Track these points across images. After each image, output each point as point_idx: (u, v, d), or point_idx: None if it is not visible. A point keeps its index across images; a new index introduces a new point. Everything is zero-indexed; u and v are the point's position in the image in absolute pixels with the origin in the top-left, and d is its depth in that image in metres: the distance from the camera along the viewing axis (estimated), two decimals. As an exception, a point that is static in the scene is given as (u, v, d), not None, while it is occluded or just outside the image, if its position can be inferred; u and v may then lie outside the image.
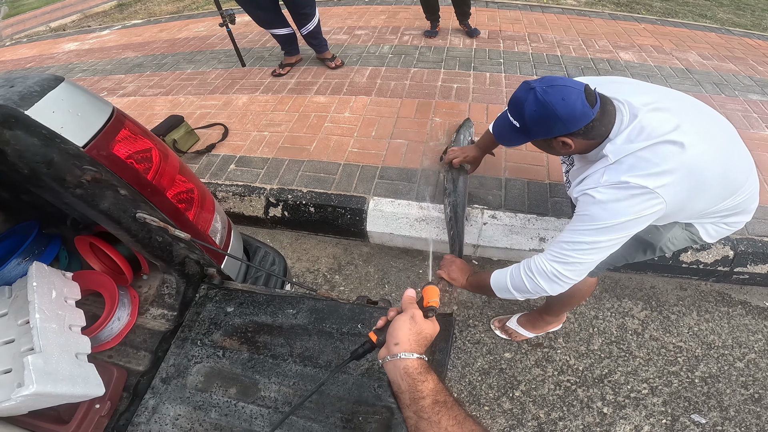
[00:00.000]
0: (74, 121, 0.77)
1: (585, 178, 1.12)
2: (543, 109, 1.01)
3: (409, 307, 0.75)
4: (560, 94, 0.99)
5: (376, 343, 0.76)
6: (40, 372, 0.75)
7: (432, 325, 0.74)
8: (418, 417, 0.62)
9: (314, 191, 2.18)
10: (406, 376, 0.66)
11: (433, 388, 0.64)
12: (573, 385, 1.62)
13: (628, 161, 1.01)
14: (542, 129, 1.06)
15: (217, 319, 1.05)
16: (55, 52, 4.96)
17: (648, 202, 1.00)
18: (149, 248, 0.95)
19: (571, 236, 1.10)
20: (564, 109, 0.99)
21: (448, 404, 0.63)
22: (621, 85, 1.18)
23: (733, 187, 1.11)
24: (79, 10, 7.65)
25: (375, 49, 3.56)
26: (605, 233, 1.05)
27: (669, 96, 1.14)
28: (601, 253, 1.09)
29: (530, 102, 1.02)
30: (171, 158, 0.97)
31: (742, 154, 1.14)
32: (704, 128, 1.06)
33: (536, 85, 1.02)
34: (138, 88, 3.49)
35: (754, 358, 1.67)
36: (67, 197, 0.79)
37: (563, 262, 1.11)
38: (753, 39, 3.73)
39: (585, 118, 1.01)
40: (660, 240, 1.27)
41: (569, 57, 3.29)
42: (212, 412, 0.89)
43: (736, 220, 1.23)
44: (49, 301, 0.93)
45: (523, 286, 1.18)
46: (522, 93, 1.06)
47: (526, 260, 1.20)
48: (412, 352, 0.69)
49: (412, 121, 2.60)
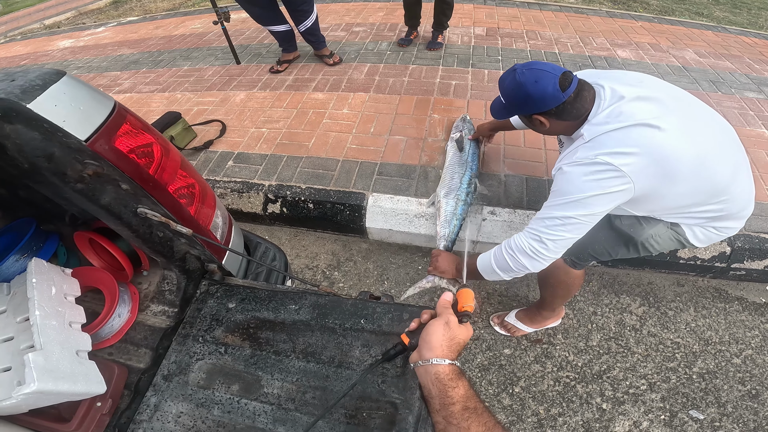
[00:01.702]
0: (76, 115, 0.76)
1: (564, 155, 1.20)
2: (517, 88, 1.13)
3: (444, 312, 0.75)
4: (534, 77, 1.10)
5: (408, 345, 0.76)
6: (41, 370, 0.74)
7: (466, 330, 0.74)
8: (447, 422, 0.62)
9: (313, 187, 2.18)
10: (437, 382, 0.66)
11: (463, 395, 0.64)
12: (572, 381, 1.63)
13: (600, 140, 1.08)
14: (517, 105, 1.19)
15: (218, 315, 1.04)
16: (50, 50, 4.91)
17: (614, 180, 1.05)
18: (150, 244, 0.94)
19: (545, 212, 1.17)
20: (535, 90, 1.10)
21: (478, 411, 0.63)
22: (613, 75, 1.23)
23: (711, 184, 1.11)
24: (74, 7, 7.59)
25: (373, 45, 3.55)
26: (574, 207, 1.10)
27: (667, 93, 1.15)
28: (574, 230, 1.14)
29: (509, 81, 1.16)
30: (172, 153, 0.96)
31: (729, 154, 1.14)
32: (689, 124, 1.08)
33: (518, 67, 1.15)
34: (134, 85, 3.47)
35: (751, 354, 1.68)
36: (68, 192, 0.78)
37: (539, 239, 1.17)
38: (749, 37, 3.75)
39: (554, 100, 1.10)
40: (641, 235, 1.29)
41: (567, 54, 3.29)
42: (215, 410, 0.88)
43: (726, 225, 1.23)
44: (49, 298, 0.92)
45: (506, 264, 1.26)
46: (507, 73, 1.19)
47: (507, 240, 1.28)
48: (444, 358, 0.68)
49: (411, 118, 2.60)
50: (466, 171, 1.98)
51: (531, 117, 1.20)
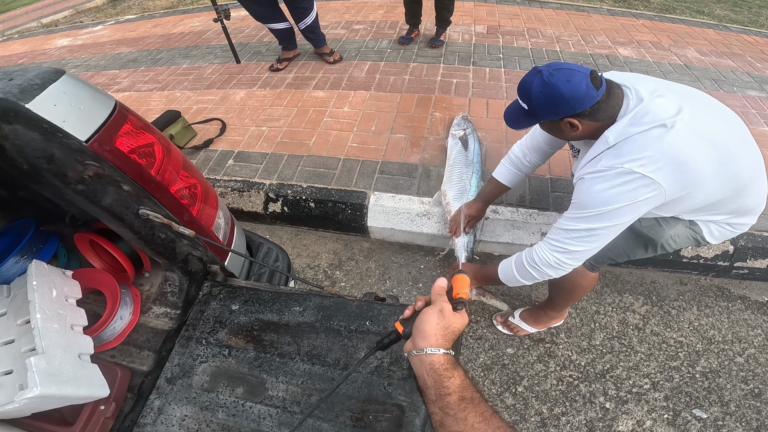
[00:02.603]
0: (76, 115, 0.74)
1: (585, 163, 1.14)
2: (549, 89, 1.04)
3: (438, 299, 0.73)
4: (565, 76, 1.02)
5: (402, 334, 0.74)
6: (44, 373, 0.73)
7: (461, 318, 0.72)
8: (444, 413, 0.61)
9: (314, 186, 2.16)
10: (432, 372, 0.65)
11: (459, 384, 0.63)
12: (575, 381, 1.62)
13: (625, 146, 1.03)
14: (549, 110, 1.08)
15: (221, 317, 1.03)
16: (47, 48, 4.88)
17: (643, 188, 1.01)
18: (152, 245, 0.93)
19: (569, 223, 1.13)
20: (568, 90, 1.02)
21: (475, 401, 0.62)
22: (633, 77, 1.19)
23: (736, 181, 1.10)
24: (71, 6, 7.53)
25: (373, 43, 3.53)
26: (601, 220, 1.07)
27: (672, 86, 1.15)
28: (600, 240, 1.11)
29: (537, 84, 1.06)
30: (174, 153, 0.95)
31: (749, 150, 1.13)
32: (709, 123, 1.06)
33: (543, 69, 1.06)
34: (133, 84, 3.45)
35: (754, 353, 1.68)
36: (69, 194, 0.76)
37: (564, 251, 1.15)
38: (750, 36, 3.74)
39: (590, 99, 1.03)
40: (662, 237, 1.27)
41: (568, 52, 3.28)
42: (219, 413, 0.87)
43: (741, 221, 1.23)
44: (50, 301, 0.91)
45: (531, 275, 1.26)
46: (530, 77, 1.10)
47: (528, 251, 1.26)
48: (438, 347, 0.67)
49: (412, 116, 2.59)
50: (473, 173, 1.97)
51: (560, 122, 1.10)
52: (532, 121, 1.16)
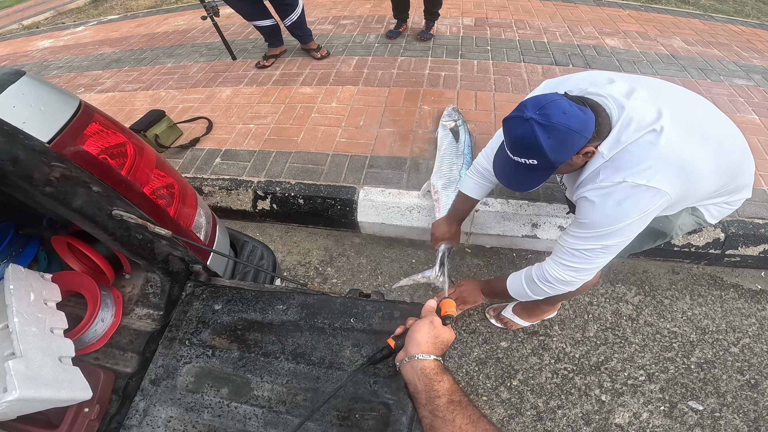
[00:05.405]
0: (37, 116, 0.73)
1: (582, 180, 1.08)
2: (558, 131, 0.93)
3: (429, 314, 0.80)
4: (559, 109, 0.94)
5: (394, 348, 0.79)
6: (23, 377, 0.72)
7: (449, 332, 0.78)
8: (434, 416, 0.64)
9: (303, 183, 2.14)
10: (422, 377, 0.69)
11: (448, 388, 0.67)
12: (570, 373, 1.61)
13: (622, 158, 0.98)
14: (565, 151, 0.97)
15: (204, 317, 1.00)
16: (29, 50, 4.79)
17: (650, 199, 0.97)
18: (129, 246, 0.90)
19: (580, 243, 1.08)
20: (573, 121, 0.94)
21: (463, 404, 0.65)
22: (593, 78, 1.15)
23: (730, 168, 1.10)
24: (53, 7, 7.40)
25: (361, 38, 3.50)
26: (614, 236, 1.04)
27: (639, 83, 1.10)
28: (613, 253, 1.09)
29: (539, 133, 0.94)
30: (147, 152, 0.91)
31: (732, 133, 1.13)
32: (685, 113, 1.05)
33: (530, 115, 0.94)
34: (116, 84, 3.38)
35: (749, 342, 1.67)
36: (38, 196, 0.74)
37: (577, 269, 1.12)
38: (736, 25, 3.76)
39: (591, 120, 0.97)
40: (671, 229, 1.26)
41: (556, 44, 3.27)
42: (205, 413, 0.86)
43: (737, 198, 1.23)
44: (28, 304, 0.89)
45: (544, 292, 1.22)
46: (521, 129, 0.97)
47: (538, 268, 1.22)
48: (429, 353, 0.72)
49: (401, 110, 2.56)
50: (464, 164, 1.96)
51: (573, 157, 1.00)
52: (547, 174, 1.03)
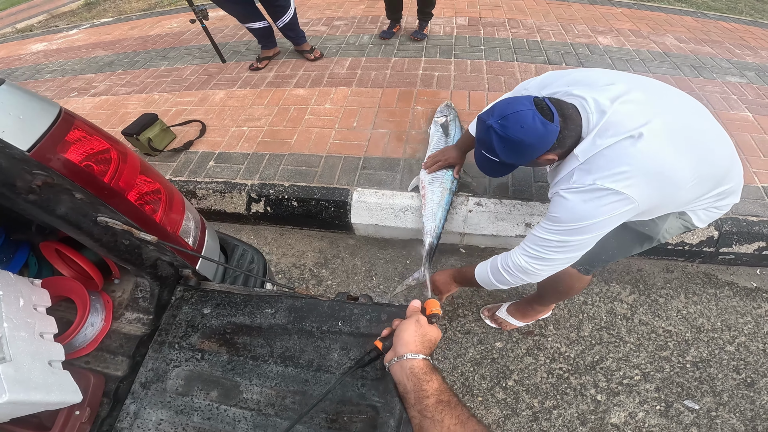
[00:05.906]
0: (16, 125, 0.72)
1: (558, 179, 1.13)
2: (510, 143, 1.04)
3: (414, 314, 0.80)
4: (517, 123, 1.01)
5: (382, 349, 0.79)
6: (12, 381, 0.72)
7: (436, 330, 0.78)
8: (422, 416, 0.64)
9: (296, 185, 2.13)
10: (411, 376, 0.69)
11: (437, 388, 0.67)
12: (565, 373, 1.61)
13: (595, 161, 1.02)
14: (520, 157, 1.08)
15: (194, 321, 1.00)
16: (23, 54, 4.77)
17: (617, 203, 1.00)
18: (116, 252, 0.90)
19: (545, 234, 1.12)
20: (528, 136, 1.01)
21: (452, 404, 0.64)
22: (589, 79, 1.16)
23: (715, 175, 1.09)
24: (46, 10, 7.38)
25: (354, 39, 3.49)
26: (577, 233, 1.07)
27: (639, 86, 1.10)
28: (574, 251, 1.11)
29: (495, 141, 1.05)
30: (131, 158, 0.91)
31: (722, 140, 1.12)
32: (676, 118, 1.04)
33: (491, 122, 1.04)
34: (110, 87, 3.37)
35: (744, 341, 1.67)
36: (22, 203, 0.74)
37: (536, 257, 1.14)
38: (729, 22, 3.77)
39: (551, 134, 1.02)
40: (657, 232, 1.26)
41: (549, 42, 3.27)
42: (194, 416, 0.87)
43: (726, 202, 1.22)
44: (17, 310, 0.89)
45: (506, 280, 1.24)
46: (484, 134, 1.09)
47: (504, 256, 1.25)
48: (418, 353, 0.71)
49: (394, 111, 2.56)
50: None
51: (536, 160, 1.09)
52: (510, 169, 1.17)
